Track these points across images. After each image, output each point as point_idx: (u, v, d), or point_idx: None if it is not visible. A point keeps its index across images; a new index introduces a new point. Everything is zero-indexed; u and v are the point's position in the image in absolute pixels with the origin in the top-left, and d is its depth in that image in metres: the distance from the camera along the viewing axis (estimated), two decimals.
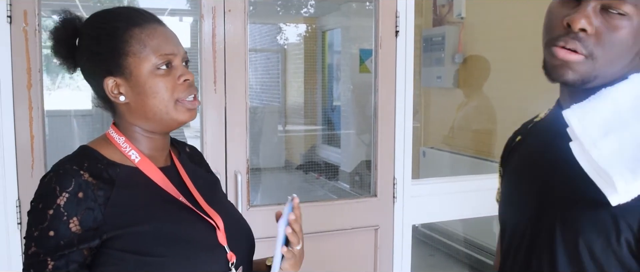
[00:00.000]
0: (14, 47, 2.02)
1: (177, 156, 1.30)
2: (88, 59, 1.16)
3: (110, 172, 1.12)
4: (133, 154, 1.17)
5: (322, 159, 6.02)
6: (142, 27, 1.14)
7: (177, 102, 1.15)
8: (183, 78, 1.15)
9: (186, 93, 1.16)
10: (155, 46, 1.13)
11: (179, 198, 1.17)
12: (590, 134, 0.87)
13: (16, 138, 2.06)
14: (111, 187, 1.09)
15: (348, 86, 5.62)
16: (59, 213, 1.03)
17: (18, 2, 2.01)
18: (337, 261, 2.51)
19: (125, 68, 1.13)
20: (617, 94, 0.89)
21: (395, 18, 2.51)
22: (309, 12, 6.80)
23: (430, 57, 5.14)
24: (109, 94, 1.15)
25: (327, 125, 6.36)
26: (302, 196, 3.80)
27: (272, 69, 7.33)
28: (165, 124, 1.17)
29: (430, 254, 4.94)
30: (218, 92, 2.26)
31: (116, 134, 1.19)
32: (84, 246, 1.04)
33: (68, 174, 1.06)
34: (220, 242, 1.18)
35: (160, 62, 1.13)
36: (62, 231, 1.03)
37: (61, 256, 1.03)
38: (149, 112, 1.15)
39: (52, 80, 5.08)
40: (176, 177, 1.23)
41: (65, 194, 1.04)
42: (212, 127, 2.28)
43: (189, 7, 5.17)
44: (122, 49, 1.13)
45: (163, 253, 1.08)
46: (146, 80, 1.13)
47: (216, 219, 1.19)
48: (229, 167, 2.30)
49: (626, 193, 0.83)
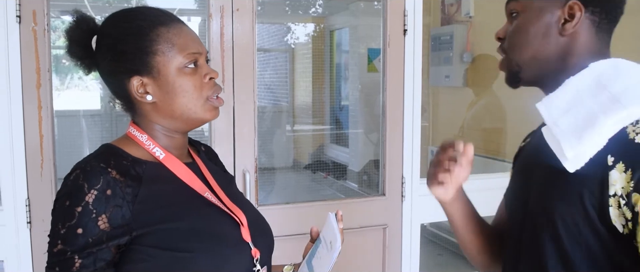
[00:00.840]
0: (23, 47, 2.03)
1: (197, 154, 1.31)
2: (112, 58, 1.15)
3: (137, 169, 1.12)
4: (157, 151, 1.17)
5: (330, 159, 6.02)
6: (168, 26, 1.15)
7: (206, 100, 1.16)
8: (209, 76, 1.17)
9: (213, 91, 1.17)
10: (182, 45, 1.14)
11: (204, 194, 1.18)
12: (552, 115, 1.01)
13: (26, 138, 2.07)
14: (139, 184, 1.10)
15: (356, 86, 5.62)
16: (87, 210, 1.03)
17: (27, 2, 2.02)
18: (345, 260, 2.50)
19: (153, 67, 1.13)
20: (577, 80, 1.02)
21: (403, 17, 2.50)
22: (317, 11, 6.79)
23: (438, 56, 5.13)
24: (135, 93, 1.15)
25: (335, 125, 6.35)
26: (310, 196, 3.84)
27: (280, 68, 7.33)
28: (191, 122, 1.18)
29: (439, 253, 4.93)
30: (226, 92, 2.26)
31: (138, 132, 1.19)
32: (113, 244, 1.05)
33: (96, 171, 1.06)
34: (245, 239, 1.18)
35: (187, 60, 1.14)
36: (90, 229, 1.03)
37: (89, 253, 1.03)
38: (177, 111, 1.16)
39: (61, 81, 5.11)
40: (199, 173, 1.24)
41: (94, 192, 1.04)
42: (221, 127, 2.28)
43: (197, 7, 5.18)
44: (149, 47, 1.13)
45: (192, 249, 1.09)
46: (175, 79, 1.14)
47: (240, 215, 1.20)
48: (237, 166, 2.31)
49: (575, 157, 0.96)
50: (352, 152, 5.46)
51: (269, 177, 5.46)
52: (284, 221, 2.37)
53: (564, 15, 1.05)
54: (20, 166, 2.07)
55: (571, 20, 1.04)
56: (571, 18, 1.04)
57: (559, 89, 1.03)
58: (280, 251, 1.38)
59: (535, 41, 1.07)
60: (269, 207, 2.39)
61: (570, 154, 0.95)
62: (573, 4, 1.04)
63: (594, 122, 0.94)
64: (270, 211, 2.37)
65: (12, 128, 2.05)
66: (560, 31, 1.05)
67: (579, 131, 0.95)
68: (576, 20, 1.03)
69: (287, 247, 1.49)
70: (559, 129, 0.98)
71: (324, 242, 1.25)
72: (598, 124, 0.94)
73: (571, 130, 0.97)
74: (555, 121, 1.00)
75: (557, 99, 1.02)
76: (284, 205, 2.45)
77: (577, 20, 1.03)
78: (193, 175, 1.19)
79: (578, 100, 0.99)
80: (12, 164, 2.06)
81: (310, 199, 2.02)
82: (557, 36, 1.06)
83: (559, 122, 0.99)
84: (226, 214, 1.18)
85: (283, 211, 2.42)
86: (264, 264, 1.23)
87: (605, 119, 0.93)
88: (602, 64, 1.02)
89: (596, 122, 0.94)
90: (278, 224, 2.39)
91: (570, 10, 1.04)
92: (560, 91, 1.03)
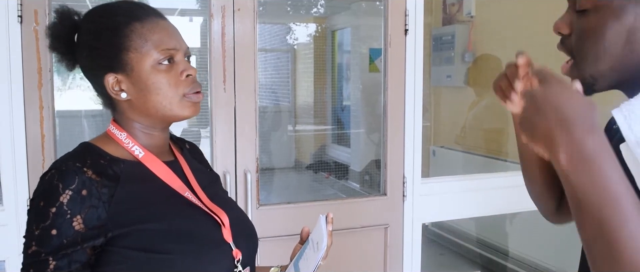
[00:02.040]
0: (24, 47, 2.04)
1: (180, 151, 1.28)
2: (88, 55, 1.14)
3: (114, 169, 1.09)
4: (136, 149, 1.15)
5: (331, 159, 6.02)
6: (143, 21, 1.12)
7: (182, 97, 1.13)
8: (186, 73, 1.13)
9: (190, 88, 1.14)
10: (156, 41, 1.11)
11: (184, 193, 1.16)
12: (635, 131, 0.78)
13: (27, 138, 2.07)
14: (115, 184, 1.07)
15: (358, 86, 5.62)
16: (62, 211, 1.01)
17: (29, 2, 2.02)
18: (347, 260, 2.51)
19: (126, 64, 1.11)
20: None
21: (404, 17, 2.50)
22: (319, 11, 6.80)
23: (440, 56, 5.13)
24: (110, 90, 1.13)
25: (336, 125, 6.36)
26: (312, 195, 3.83)
27: (282, 68, 7.33)
28: (167, 119, 1.16)
29: (441, 253, 4.93)
30: (227, 92, 2.26)
31: (117, 130, 1.17)
32: (88, 245, 1.02)
33: (71, 171, 1.04)
34: (226, 239, 1.16)
35: (162, 57, 1.11)
36: (65, 230, 1.00)
37: (64, 255, 1.00)
38: (152, 109, 1.13)
39: (63, 81, 5.11)
40: (180, 172, 1.21)
41: (69, 192, 1.01)
42: (222, 127, 2.28)
43: (199, 7, 5.19)
44: (123, 44, 1.10)
45: (170, 250, 1.06)
46: (148, 76, 1.11)
47: (221, 215, 1.17)
48: (238, 166, 2.31)
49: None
50: (354, 152, 5.46)
51: (271, 177, 5.46)
52: (285, 221, 2.37)
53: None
54: (22, 165, 2.08)
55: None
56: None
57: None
58: (282, 250, 1.38)
59: (614, 49, 0.84)
60: (270, 207, 2.39)
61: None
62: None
63: None
64: (272, 210, 2.37)
65: (14, 128, 2.05)
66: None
67: None
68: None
69: (289, 247, 1.48)
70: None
71: (311, 243, 1.22)
72: None
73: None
74: (638, 139, 0.77)
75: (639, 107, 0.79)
76: (285, 205, 2.45)
77: None
78: (173, 174, 1.17)
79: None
80: (13, 163, 2.06)
81: (311, 199, 2.02)
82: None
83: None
84: (206, 214, 1.16)
85: (284, 210, 2.42)
86: (247, 265, 1.20)
87: None
88: None
89: None
90: (279, 223, 2.39)
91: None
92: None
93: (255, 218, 2.30)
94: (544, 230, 3.82)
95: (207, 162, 1.41)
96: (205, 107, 2.33)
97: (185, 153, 1.30)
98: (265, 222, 2.33)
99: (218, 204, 1.20)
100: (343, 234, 2.48)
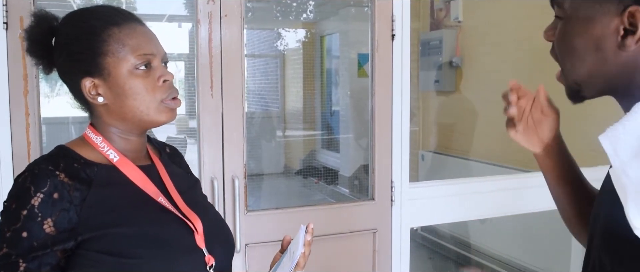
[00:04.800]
0: (10, 54, 2.02)
1: (158, 156, 1.28)
2: (65, 59, 1.14)
3: (88, 172, 1.10)
4: (111, 153, 1.15)
5: (321, 164, 6.03)
6: (120, 26, 1.12)
7: (160, 102, 1.13)
8: (163, 78, 1.13)
9: (168, 93, 1.14)
10: (134, 46, 1.11)
11: (158, 198, 1.15)
12: (620, 156, 0.77)
13: (13, 145, 2.06)
14: (88, 188, 1.07)
15: (347, 91, 5.63)
16: (33, 214, 1.01)
17: (14, 8, 2.01)
18: (335, 265, 2.51)
19: (104, 68, 1.11)
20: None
21: (391, 22, 2.51)
22: (308, 17, 6.82)
23: (428, 61, 5.16)
24: (87, 95, 1.13)
25: (326, 130, 6.37)
26: (301, 201, 3.81)
27: (271, 74, 7.34)
28: (144, 124, 1.16)
29: (430, 257, 4.94)
30: (215, 97, 2.26)
31: (93, 134, 1.16)
32: (58, 248, 1.02)
33: (43, 174, 1.04)
34: (198, 245, 1.15)
35: (139, 62, 1.11)
36: (35, 232, 1.01)
37: (34, 257, 1.01)
38: (128, 113, 1.13)
39: (51, 88, 5.08)
40: (156, 177, 1.21)
41: (40, 195, 1.02)
42: (209, 132, 2.28)
43: (187, 13, 5.19)
44: (100, 48, 1.10)
45: (140, 255, 1.06)
46: (125, 81, 1.11)
47: (195, 221, 1.17)
48: (226, 172, 2.30)
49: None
50: (343, 157, 5.47)
51: (260, 183, 5.46)
52: (273, 227, 2.37)
53: (622, 24, 0.80)
54: (7, 172, 2.06)
55: (634, 31, 0.79)
56: (634, 28, 0.79)
57: (628, 117, 0.79)
58: (271, 256, 1.37)
59: (586, 57, 0.85)
60: (259, 213, 2.38)
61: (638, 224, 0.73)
62: (635, 10, 0.78)
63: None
64: (260, 216, 2.37)
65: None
66: (619, 45, 0.81)
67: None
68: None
69: None
70: (628, 179, 0.75)
71: (289, 252, 1.22)
72: None
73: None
74: (624, 167, 0.76)
75: (624, 131, 0.78)
76: (273, 210, 2.45)
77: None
78: (147, 179, 1.16)
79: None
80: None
81: (300, 204, 2.02)
82: (615, 51, 0.82)
83: (627, 169, 0.75)
84: (179, 220, 1.15)
85: (273, 216, 2.42)
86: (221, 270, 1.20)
87: None
88: None
89: None
90: (268, 229, 2.39)
91: (632, 19, 0.79)
92: (629, 121, 0.79)
93: (243, 224, 2.29)
94: (532, 233, 3.85)
95: (187, 166, 1.40)
96: (192, 113, 2.33)
97: (164, 157, 1.29)
98: (254, 228, 2.33)
99: (194, 209, 1.20)
100: (331, 239, 2.48)
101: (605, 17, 0.82)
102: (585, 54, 0.85)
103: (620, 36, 0.81)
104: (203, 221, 1.18)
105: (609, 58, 0.83)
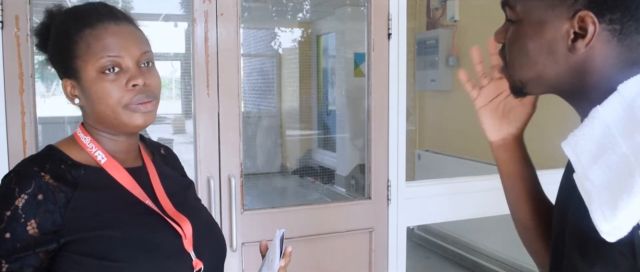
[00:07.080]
0: (5, 53, 2.02)
1: (151, 157, 1.26)
2: (50, 58, 1.15)
3: (74, 174, 1.08)
4: (99, 154, 1.13)
5: (317, 163, 6.03)
6: (93, 27, 1.08)
7: (125, 107, 1.09)
8: (132, 83, 1.08)
9: (136, 98, 1.09)
10: (100, 48, 1.07)
11: (145, 201, 1.13)
12: (582, 162, 0.79)
13: (8, 144, 2.05)
14: (73, 190, 1.06)
15: (343, 90, 5.63)
16: (16, 215, 1.00)
17: (10, 7, 2.01)
18: (332, 264, 2.51)
19: (76, 71, 1.09)
20: (605, 111, 0.80)
21: (387, 21, 2.51)
22: (304, 16, 6.82)
23: (424, 60, 5.16)
24: (67, 96, 1.12)
25: (322, 130, 6.38)
26: (298, 200, 3.81)
27: (268, 74, 7.34)
28: (117, 128, 1.13)
29: (426, 256, 4.95)
30: (211, 97, 2.26)
31: (83, 134, 1.15)
32: (41, 250, 1.01)
33: (28, 175, 1.03)
34: (186, 249, 1.13)
35: (104, 65, 1.07)
36: (18, 233, 1.00)
37: (17, 258, 1.00)
38: (100, 117, 1.11)
39: (47, 87, 5.08)
40: (145, 179, 1.18)
41: (24, 196, 1.01)
42: (205, 131, 2.28)
43: (183, 12, 5.18)
44: (73, 51, 1.08)
45: (125, 258, 1.04)
46: (92, 85, 1.08)
47: (183, 224, 1.14)
48: (222, 171, 2.30)
49: (612, 231, 0.75)
50: (340, 157, 5.47)
51: (256, 182, 5.45)
52: (270, 226, 2.37)
53: (573, 28, 0.82)
54: (3, 172, 2.05)
55: (584, 35, 0.81)
56: (583, 32, 0.81)
57: (586, 123, 0.81)
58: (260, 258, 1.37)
59: (538, 59, 0.87)
60: (255, 212, 2.38)
61: (605, 228, 0.75)
62: (584, 15, 0.80)
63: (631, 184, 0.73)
64: (256, 215, 2.37)
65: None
66: (570, 49, 0.83)
67: (614, 195, 0.74)
68: (590, 36, 0.80)
69: None
70: (591, 184, 0.77)
71: (267, 261, 1.18)
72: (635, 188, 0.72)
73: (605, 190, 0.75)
74: (586, 172, 0.78)
75: (584, 137, 0.80)
76: (270, 209, 2.45)
77: (590, 35, 0.80)
78: (134, 181, 1.14)
79: (609, 142, 0.77)
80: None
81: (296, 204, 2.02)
82: (565, 54, 0.84)
83: (589, 174, 0.77)
84: (167, 223, 1.13)
85: (269, 215, 2.42)
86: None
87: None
88: (633, 85, 0.80)
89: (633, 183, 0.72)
90: (264, 229, 2.39)
91: (582, 23, 0.81)
92: (588, 126, 0.80)
93: (240, 223, 2.29)
94: None
95: (181, 167, 1.38)
96: (188, 113, 2.33)
97: (157, 159, 1.27)
98: (250, 228, 2.33)
99: (185, 212, 1.17)
100: (328, 238, 2.48)
101: (556, 21, 0.84)
102: (537, 56, 0.87)
103: (570, 40, 0.83)
104: (193, 224, 1.16)
105: (559, 61, 0.85)
